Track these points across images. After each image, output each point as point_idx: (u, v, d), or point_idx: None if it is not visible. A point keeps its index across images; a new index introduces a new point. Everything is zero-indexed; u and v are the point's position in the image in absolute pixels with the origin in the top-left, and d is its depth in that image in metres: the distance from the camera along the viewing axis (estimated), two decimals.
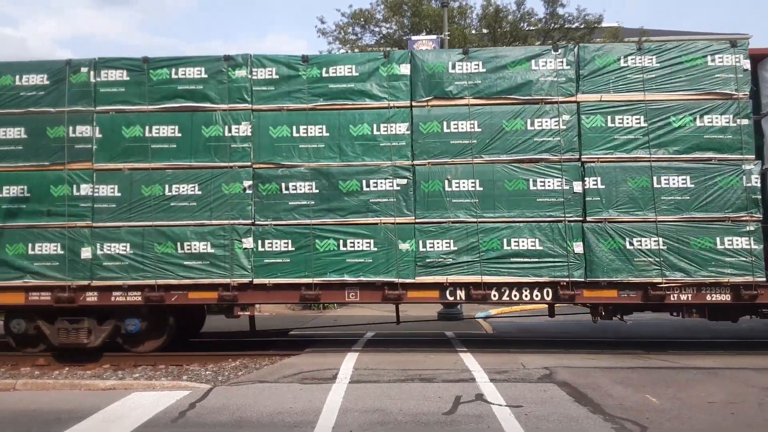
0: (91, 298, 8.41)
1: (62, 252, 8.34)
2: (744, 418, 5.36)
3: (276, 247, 8.21)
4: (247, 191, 8.29)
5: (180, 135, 8.43)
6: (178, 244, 8.25)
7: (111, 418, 5.70)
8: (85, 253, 8.30)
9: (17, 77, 8.61)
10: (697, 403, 5.82)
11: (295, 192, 8.29)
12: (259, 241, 8.22)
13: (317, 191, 8.25)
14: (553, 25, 22.88)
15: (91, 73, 8.55)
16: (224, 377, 7.48)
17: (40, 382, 7.23)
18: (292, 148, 8.34)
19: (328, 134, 8.33)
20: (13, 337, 8.81)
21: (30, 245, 8.38)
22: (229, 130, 8.39)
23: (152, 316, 8.66)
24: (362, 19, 23.10)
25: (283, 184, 8.28)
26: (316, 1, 28.02)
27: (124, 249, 8.29)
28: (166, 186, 8.36)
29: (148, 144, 8.41)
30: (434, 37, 17.99)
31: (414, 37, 18.69)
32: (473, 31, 23.15)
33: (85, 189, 8.40)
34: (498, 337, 10.82)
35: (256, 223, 8.28)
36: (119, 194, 8.39)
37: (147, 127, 8.43)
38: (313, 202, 8.25)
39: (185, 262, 8.24)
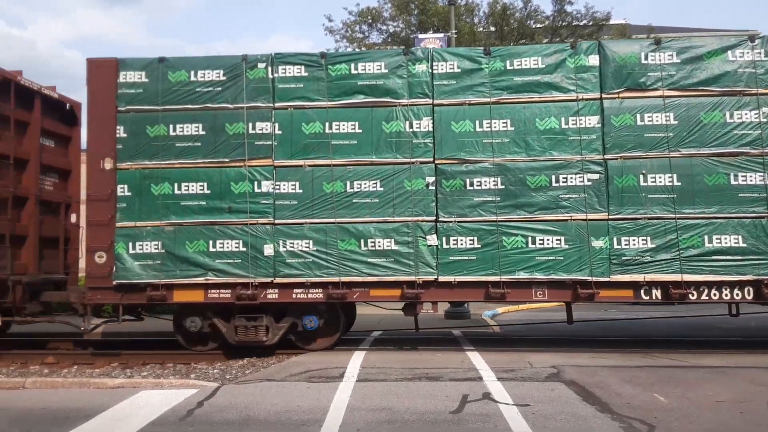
0: (272, 295, 8.41)
1: (244, 249, 8.33)
2: (753, 417, 5.31)
3: (461, 244, 8.15)
4: (430, 187, 8.23)
5: (360, 131, 8.38)
6: (362, 240, 8.23)
7: (119, 417, 5.73)
8: (268, 249, 8.31)
9: (192, 73, 8.59)
10: (705, 402, 5.79)
11: (479, 188, 8.20)
12: (444, 238, 8.16)
13: (503, 187, 8.16)
14: (560, 22, 22.75)
15: (269, 69, 8.53)
16: (231, 375, 7.51)
17: (49, 381, 7.28)
18: (476, 143, 8.25)
19: (512, 128, 8.22)
20: (184, 335, 8.84)
21: (211, 242, 8.36)
22: (410, 126, 8.34)
23: (328, 314, 8.67)
24: (369, 18, 23.07)
25: (467, 180, 8.20)
26: (319, 3, 27.96)
27: (307, 246, 8.29)
28: (348, 182, 8.33)
29: (328, 140, 8.39)
30: (441, 35, 17.96)
31: (421, 36, 18.67)
32: (480, 29, 23.06)
33: (266, 186, 8.40)
34: (505, 336, 10.81)
35: (440, 219, 8.21)
36: (300, 191, 8.39)
37: (327, 124, 8.41)
38: (498, 198, 8.15)
39: (369, 259, 8.21)
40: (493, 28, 23.04)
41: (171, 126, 8.53)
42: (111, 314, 9.46)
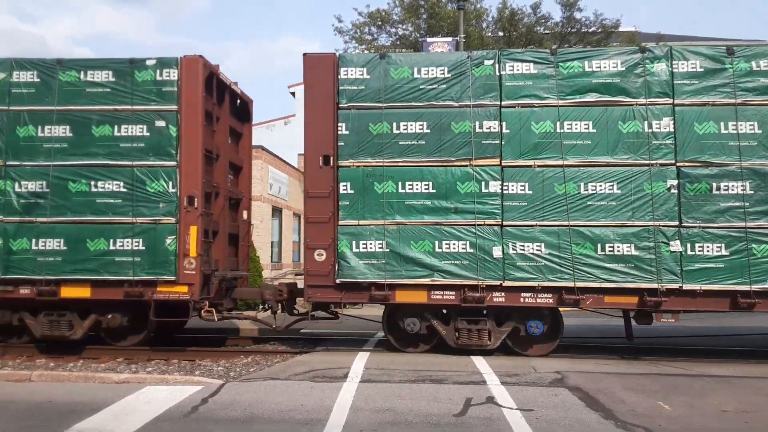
0: (498, 298, 8.20)
1: (472, 250, 8.17)
2: (758, 426, 5.31)
3: (707, 251, 7.91)
4: (672, 191, 8.00)
5: (594, 130, 8.17)
6: (598, 245, 8.02)
7: (124, 411, 5.75)
8: (497, 252, 8.14)
9: (414, 70, 8.49)
10: (710, 411, 5.76)
11: (726, 192, 7.94)
12: (688, 244, 7.92)
13: (751, 192, 7.91)
14: (569, 29, 22.75)
15: (496, 66, 8.39)
16: (236, 373, 7.52)
17: (55, 374, 7.32)
18: (721, 146, 7.98)
19: (760, 131, 7.98)
20: (396, 336, 8.72)
21: (437, 242, 8.22)
22: (649, 126, 8.09)
23: (551, 319, 8.50)
24: (379, 20, 23.12)
25: (713, 184, 7.95)
26: (328, 5, 27.98)
27: (539, 249, 8.09)
28: (581, 184, 8.12)
29: (559, 140, 8.18)
30: (450, 39, 17.95)
31: (429, 39, 18.68)
32: (489, 34, 23.07)
33: (494, 186, 8.22)
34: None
35: (684, 224, 7.98)
36: (530, 192, 8.19)
37: (557, 123, 8.21)
38: (747, 204, 7.90)
39: (606, 265, 7.98)
40: (501, 33, 23.05)
41: (394, 123, 8.43)
42: (301, 313, 9.43)
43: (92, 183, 8.57)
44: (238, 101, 10.56)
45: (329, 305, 8.93)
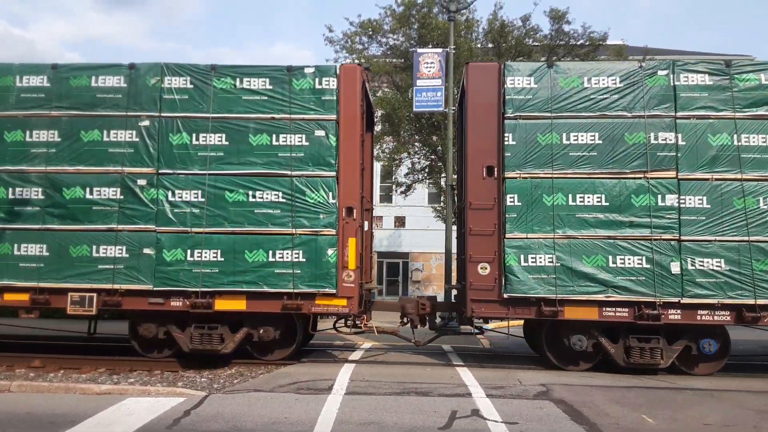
0: (674, 316, 8.03)
1: (648, 266, 8.01)
2: None
3: None
4: None
5: None
6: None
7: (105, 423, 5.68)
8: (675, 267, 7.98)
9: (585, 79, 8.45)
10: (693, 424, 5.80)
11: None
12: None
13: None
14: (558, 41, 22.97)
15: (670, 76, 8.30)
16: (219, 385, 7.45)
17: (35, 385, 7.21)
18: None
19: None
20: (556, 352, 8.53)
21: (610, 257, 8.08)
22: None
23: (723, 337, 8.35)
24: (370, 30, 23.23)
25: None
26: (325, 12, 28.11)
27: (718, 265, 7.97)
28: (761, 198, 8.04)
29: (737, 153, 8.13)
30: (440, 50, 18.05)
31: (420, 50, 18.75)
32: (479, 45, 23.25)
33: (670, 199, 8.09)
34: (495, 352, 10.78)
35: None
36: (708, 206, 8.08)
37: (734, 135, 8.15)
38: None
39: None
40: (491, 45, 23.22)
41: (564, 134, 8.32)
42: (444, 327, 9.46)
43: (250, 193, 8.45)
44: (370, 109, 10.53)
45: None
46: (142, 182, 8.52)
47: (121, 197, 8.51)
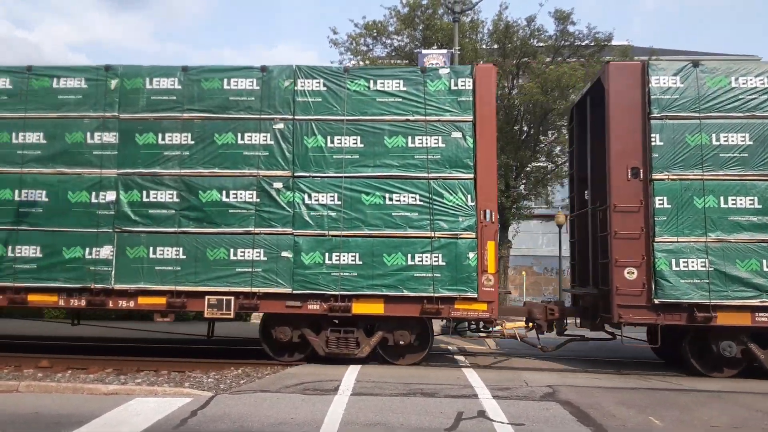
0: None
1: None
2: None
3: None
4: None
5: None
6: None
7: (112, 423, 5.70)
8: None
9: (732, 78, 8.39)
10: (700, 426, 5.79)
11: None
12: None
13: None
14: (563, 42, 22.93)
15: None
16: (226, 385, 7.46)
17: (43, 385, 7.24)
18: None
19: None
20: (700, 360, 8.44)
21: (765, 261, 8.01)
22: None
23: None
24: (375, 31, 23.25)
25: None
26: (326, 13, 28.12)
27: None
28: None
29: None
30: (445, 51, 18.04)
31: (424, 51, 18.75)
32: (484, 46, 23.23)
33: None
34: (501, 353, 10.75)
35: None
36: None
37: None
38: None
39: None
40: (496, 46, 23.20)
41: (713, 135, 8.26)
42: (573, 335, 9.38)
43: (386, 195, 8.51)
44: None
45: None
46: (278, 185, 8.62)
47: (258, 200, 8.61)
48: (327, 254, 8.41)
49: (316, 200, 8.53)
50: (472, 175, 8.44)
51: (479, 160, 8.47)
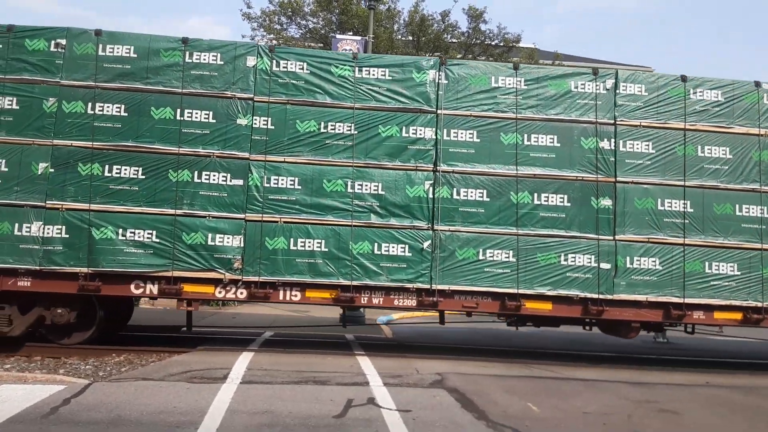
0: None
1: None
2: (613, 428, 5.69)
3: None
4: None
5: None
6: None
7: None
8: None
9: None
10: (574, 412, 6.15)
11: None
12: None
13: None
14: (474, 40, 23.60)
15: None
16: (105, 373, 7.08)
17: None
18: None
19: None
20: None
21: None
22: None
23: None
24: (290, 10, 22.76)
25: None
26: None
27: None
28: None
29: None
30: (359, 38, 18.02)
31: (339, 36, 18.66)
32: (399, 37, 23.43)
33: None
34: (396, 342, 10.98)
35: None
36: None
37: None
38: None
39: None
40: (411, 37, 23.48)
41: None
42: None
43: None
44: None
45: None
46: None
47: None
48: None
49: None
50: None
51: None
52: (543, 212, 8.23)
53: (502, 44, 23.46)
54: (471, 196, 8.19)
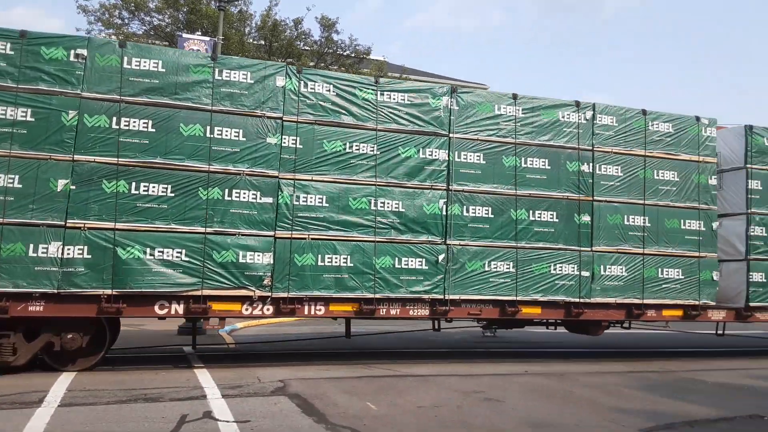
0: None
1: None
2: (444, 419, 6.28)
3: None
4: None
5: None
6: None
7: None
8: None
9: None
10: (409, 408, 6.72)
11: None
12: None
13: None
14: (327, 49, 23.81)
15: None
16: None
17: None
18: None
19: None
20: None
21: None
22: None
23: None
24: (133, 5, 21.22)
25: None
26: None
27: None
28: None
29: None
30: (207, 39, 17.33)
31: (185, 35, 17.85)
32: (251, 40, 22.89)
33: None
34: (239, 351, 10.87)
35: None
36: None
37: None
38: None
39: None
40: (263, 42, 23.07)
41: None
42: None
43: None
44: None
45: None
46: None
47: None
48: None
49: None
50: None
51: None
52: (537, 227, 9.67)
53: (353, 55, 23.95)
54: (478, 213, 9.40)
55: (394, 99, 9.07)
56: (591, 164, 9.89)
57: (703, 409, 6.87)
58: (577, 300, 9.63)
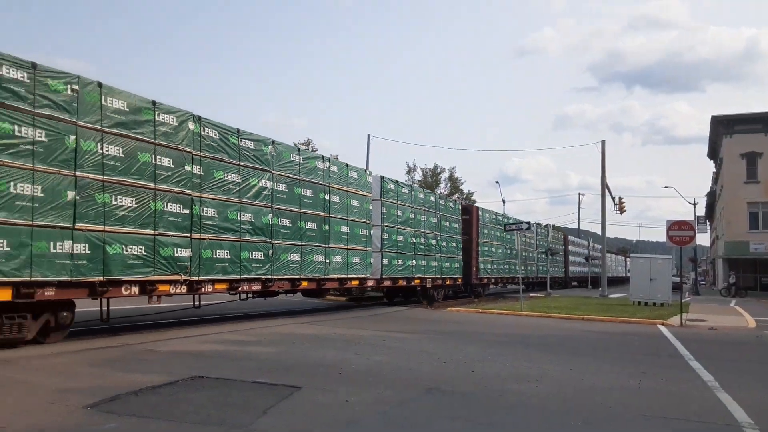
0: None
1: None
2: None
3: None
4: None
5: None
6: None
7: None
8: None
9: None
10: None
11: None
12: None
13: None
14: None
15: None
16: None
17: None
18: None
19: None
20: None
21: None
22: None
23: None
24: None
25: None
26: None
27: None
28: None
29: None
30: None
31: None
32: None
33: None
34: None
35: None
36: None
37: None
38: None
39: None
40: None
41: None
42: None
43: None
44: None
45: None
46: None
47: None
48: None
49: None
50: None
51: None
52: (309, 232, 14.61)
53: None
54: (286, 223, 13.72)
55: (247, 144, 12.43)
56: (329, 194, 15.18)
57: (151, 377, 6.59)
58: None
